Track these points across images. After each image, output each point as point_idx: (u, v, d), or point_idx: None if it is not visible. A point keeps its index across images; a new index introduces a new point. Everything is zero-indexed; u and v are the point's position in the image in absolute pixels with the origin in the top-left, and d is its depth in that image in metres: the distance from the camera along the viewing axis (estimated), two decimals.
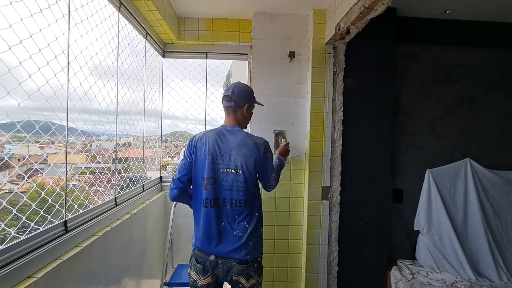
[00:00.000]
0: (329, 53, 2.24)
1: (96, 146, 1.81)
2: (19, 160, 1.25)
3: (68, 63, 1.28)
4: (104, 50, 1.62)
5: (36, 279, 0.98)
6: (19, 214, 1.06)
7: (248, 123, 1.62)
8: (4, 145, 1.19)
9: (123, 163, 1.99)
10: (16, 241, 0.98)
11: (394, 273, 2.31)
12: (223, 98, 1.52)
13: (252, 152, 1.43)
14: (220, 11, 2.39)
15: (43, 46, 1.16)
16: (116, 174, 1.80)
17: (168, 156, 3.30)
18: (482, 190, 2.38)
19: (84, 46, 1.44)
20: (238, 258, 1.40)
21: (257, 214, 1.49)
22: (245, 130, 1.55)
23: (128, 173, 2.07)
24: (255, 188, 1.50)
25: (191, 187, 1.50)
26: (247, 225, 1.44)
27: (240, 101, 1.49)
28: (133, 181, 2.09)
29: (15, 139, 1.21)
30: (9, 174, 1.30)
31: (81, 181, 1.50)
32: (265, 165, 1.49)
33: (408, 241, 2.54)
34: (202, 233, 1.42)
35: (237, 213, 1.42)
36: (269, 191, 1.61)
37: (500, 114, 2.56)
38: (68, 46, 1.28)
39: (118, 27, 1.72)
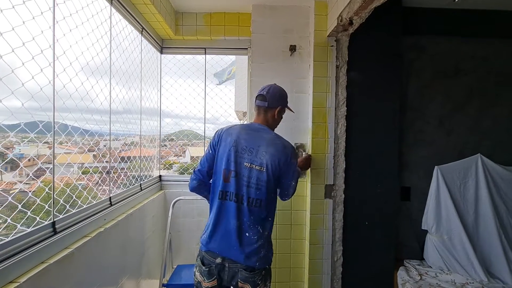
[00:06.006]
0: (332, 46, 2.15)
1: (103, 146, 1.77)
2: (29, 160, 1.22)
3: (54, 59, 1.23)
4: (98, 47, 1.57)
5: (18, 284, 0.93)
6: (3, 215, 1.02)
7: (276, 127, 1.57)
8: (14, 145, 1.17)
9: (120, 162, 1.94)
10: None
11: (401, 274, 2.22)
12: (256, 97, 1.51)
13: (280, 153, 1.38)
14: (218, 5, 2.32)
15: (45, 47, 1.17)
16: (112, 173, 1.75)
17: (174, 155, 3.26)
18: (494, 187, 2.27)
19: (76, 44, 1.40)
20: (245, 264, 1.33)
21: (270, 219, 1.44)
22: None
23: (126, 172, 2.02)
24: (274, 192, 1.44)
25: (210, 180, 1.47)
26: (260, 229, 1.38)
27: (274, 102, 1.47)
28: (131, 180, 2.05)
29: (24, 139, 1.19)
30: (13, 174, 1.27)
31: (73, 181, 1.46)
32: (288, 170, 1.42)
33: (416, 240, 2.45)
34: (211, 225, 1.38)
35: (253, 214, 1.36)
36: (285, 200, 1.56)
37: None
38: (56, 44, 1.23)
39: (111, 21, 1.67)
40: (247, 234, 1.35)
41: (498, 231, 2.20)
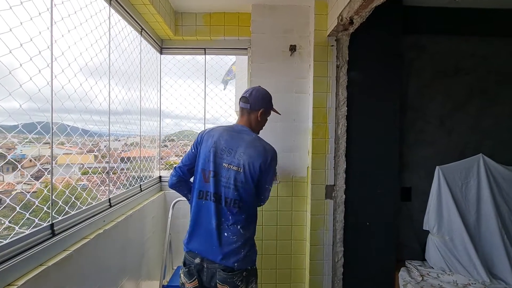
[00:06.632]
0: (332, 45, 2.14)
1: (103, 146, 1.77)
2: (31, 160, 1.22)
3: (52, 60, 1.22)
4: (97, 48, 1.56)
5: (16, 286, 0.92)
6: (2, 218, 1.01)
7: (261, 129, 1.56)
8: (16, 146, 1.16)
9: (120, 163, 1.93)
10: None
11: (402, 274, 2.21)
12: (240, 99, 1.51)
13: (259, 155, 1.36)
14: (218, 5, 2.31)
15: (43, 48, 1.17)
16: (112, 174, 1.75)
17: (175, 155, 3.25)
18: (496, 187, 2.25)
19: (75, 45, 1.39)
20: (223, 265, 1.32)
21: (251, 220, 1.43)
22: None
23: (126, 173, 2.02)
24: (254, 193, 1.42)
25: (191, 179, 1.49)
26: (241, 230, 1.36)
27: (256, 104, 1.47)
28: (131, 181, 2.04)
29: (26, 140, 1.18)
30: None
31: (72, 182, 1.45)
32: (266, 173, 1.41)
33: (417, 241, 2.43)
34: (192, 225, 1.40)
35: (232, 214, 1.35)
36: (260, 205, 1.54)
37: None
38: (54, 45, 1.22)
39: (110, 22, 1.66)
40: (225, 234, 1.35)
41: (500, 231, 2.18)
